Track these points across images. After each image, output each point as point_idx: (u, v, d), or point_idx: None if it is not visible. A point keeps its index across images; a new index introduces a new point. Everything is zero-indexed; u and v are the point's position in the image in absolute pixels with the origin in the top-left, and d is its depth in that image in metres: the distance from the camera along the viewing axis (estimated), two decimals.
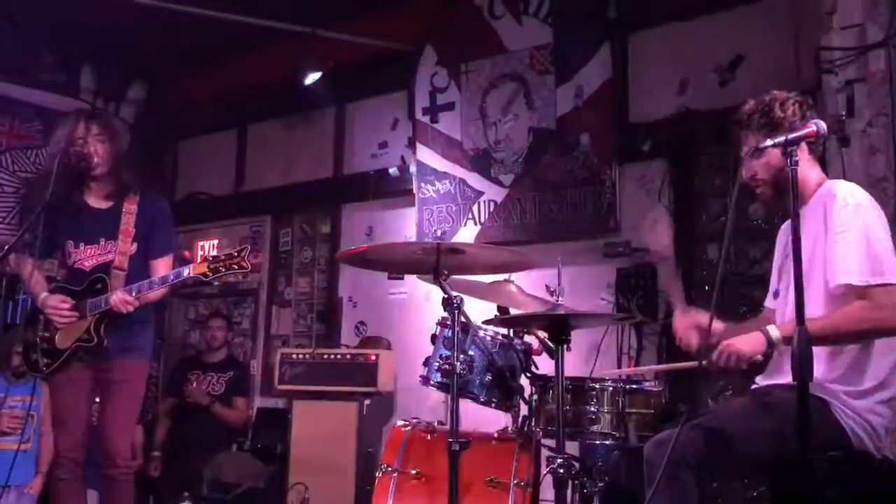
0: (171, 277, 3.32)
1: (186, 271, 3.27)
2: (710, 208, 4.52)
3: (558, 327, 2.72)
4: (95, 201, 3.55)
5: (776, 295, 2.62)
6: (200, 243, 6.69)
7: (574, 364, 4.10)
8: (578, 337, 4.12)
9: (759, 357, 2.31)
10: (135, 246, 3.48)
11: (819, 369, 2.25)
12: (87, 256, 3.48)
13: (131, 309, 3.30)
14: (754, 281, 4.30)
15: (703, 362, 2.36)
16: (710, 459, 2.27)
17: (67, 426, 3.42)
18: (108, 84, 6.71)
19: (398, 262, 3.19)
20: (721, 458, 2.29)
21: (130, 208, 3.50)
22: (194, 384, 5.64)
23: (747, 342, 2.31)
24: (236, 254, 3.22)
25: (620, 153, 4.78)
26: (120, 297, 3.28)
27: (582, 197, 4.87)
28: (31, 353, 3.48)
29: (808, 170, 2.46)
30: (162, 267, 3.52)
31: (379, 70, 5.83)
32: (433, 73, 5.56)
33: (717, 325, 2.57)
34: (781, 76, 4.21)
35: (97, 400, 3.58)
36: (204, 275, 3.23)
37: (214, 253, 3.30)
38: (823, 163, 3.58)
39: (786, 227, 2.65)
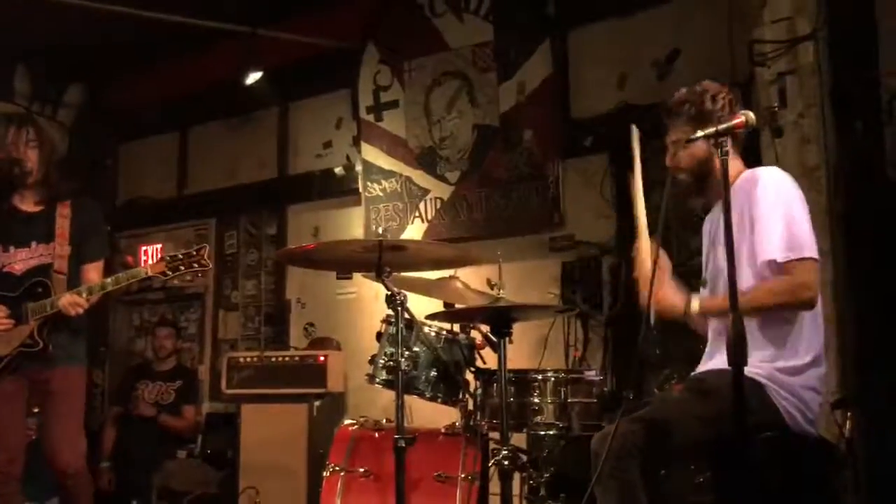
0: (125, 277, 3.29)
1: (144, 272, 3.27)
2: (650, 200, 4.58)
3: (500, 320, 2.73)
4: (26, 205, 3.46)
5: (704, 284, 2.66)
6: (144, 248, 6.57)
7: (521, 358, 4.14)
8: (525, 331, 4.16)
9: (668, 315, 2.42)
10: (69, 249, 3.41)
11: (752, 350, 2.31)
12: (17, 260, 3.40)
13: (81, 311, 3.24)
14: (694, 272, 4.38)
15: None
16: (652, 449, 2.30)
17: (3, 441, 3.32)
18: (44, 87, 6.56)
19: (342, 261, 3.18)
20: (662, 447, 2.33)
21: (64, 211, 3.43)
22: (142, 396, 5.54)
23: (669, 298, 2.45)
24: (195, 252, 3.24)
25: (563, 148, 4.83)
26: (70, 300, 3.22)
27: (526, 192, 4.92)
28: None
29: (730, 161, 2.50)
30: (94, 272, 3.45)
31: (321, 69, 5.80)
32: (376, 71, 5.55)
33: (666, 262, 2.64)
34: (717, 69, 4.29)
35: (35, 411, 3.51)
36: (163, 273, 3.24)
37: (172, 253, 3.29)
38: (757, 153, 3.67)
39: (709, 217, 2.71)
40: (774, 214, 2.34)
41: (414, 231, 5.31)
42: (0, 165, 3.32)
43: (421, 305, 3.16)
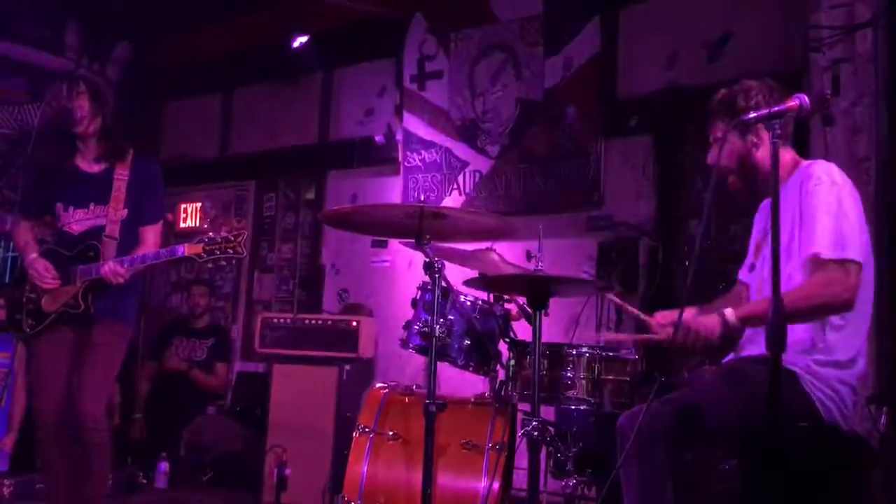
0: (165, 254, 3.31)
1: (181, 250, 3.26)
2: (694, 184, 4.55)
3: (537, 292, 2.73)
4: (87, 164, 3.48)
5: (752, 268, 2.64)
6: (184, 206, 6.66)
7: (553, 335, 4.13)
8: (558, 308, 4.14)
9: (716, 340, 2.32)
10: (126, 211, 3.43)
11: (792, 341, 2.28)
12: (75, 220, 3.42)
13: (122, 281, 3.26)
14: (733, 257, 4.34)
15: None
16: (681, 432, 2.29)
17: (47, 389, 3.36)
18: (93, 42, 6.62)
19: (381, 226, 3.18)
20: (692, 430, 2.31)
21: (122, 173, 3.44)
22: (175, 350, 5.65)
23: (703, 324, 2.32)
24: (232, 238, 3.21)
25: (607, 127, 4.79)
26: (111, 269, 3.24)
27: (567, 170, 4.89)
28: (15, 312, 3.44)
29: (780, 149, 2.46)
30: (152, 234, 3.48)
31: (367, 36, 5.80)
32: (422, 40, 5.54)
33: (690, 313, 2.53)
34: (769, 54, 4.23)
35: None
36: (198, 255, 3.22)
37: (211, 234, 3.26)
38: (806, 140, 3.61)
39: (764, 206, 2.67)
40: (823, 210, 2.29)
41: (451, 203, 5.31)
42: (52, 115, 3.38)
43: (456, 276, 3.16)
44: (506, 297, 3.30)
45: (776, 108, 2.18)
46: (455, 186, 5.34)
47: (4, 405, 4.80)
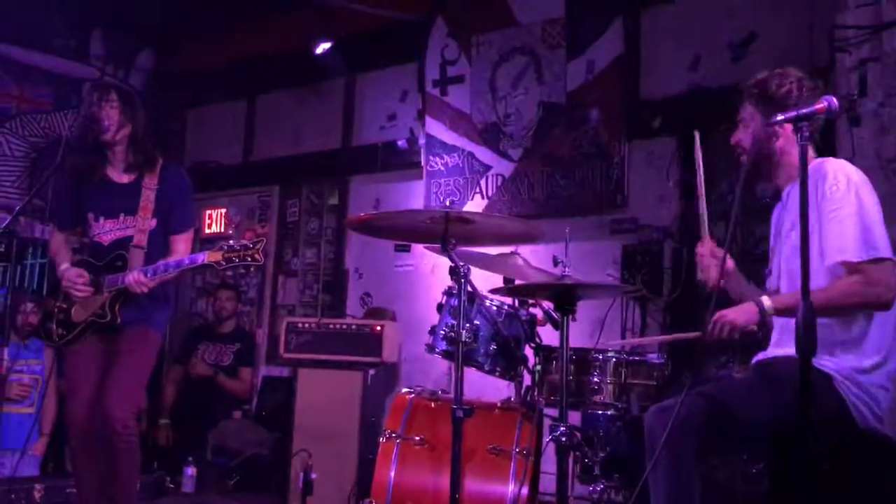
0: (187, 262, 3.33)
1: (202, 258, 3.28)
2: (718, 186, 4.51)
3: (564, 297, 2.73)
4: (116, 175, 3.52)
5: (769, 274, 2.63)
6: (208, 212, 6.71)
7: (578, 339, 4.12)
8: (582, 312, 4.13)
9: (753, 327, 2.33)
10: (155, 221, 3.47)
11: (823, 344, 2.26)
12: (105, 231, 3.47)
13: (146, 290, 3.30)
14: (759, 259, 4.30)
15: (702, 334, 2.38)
16: (711, 430, 2.28)
17: (80, 394, 3.40)
18: (117, 50, 6.71)
19: (406, 231, 3.20)
20: (722, 428, 2.30)
21: (151, 183, 3.47)
22: (201, 356, 5.69)
23: (740, 312, 2.34)
24: (251, 246, 3.23)
25: (630, 130, 4.77)
26: (135, 278, 3.28)
27: (590, 173, 4.87)
28: (47, 321, 3.50)
29: (795, 148, 2.45)
30: (182, 242, 3.52)
31: (389, 41, 5.82)
32: (444, 44, 5.54)
33: (731, 264, 2.62)
34: (794, 54, 4.18)
35: None
36: (217, 263, 3.24)
37: (231, 242, 3.28)
38: (833, 141, 3.57)
39: (777, 207, 2.66)
40: (846, 212, 2.28)
41: (474, 207, 5.30)
42: (83, 124, 3.42)
43: (480, 281, 3.16)
44: (530, 301, 3.30)
45: (804, 111, 2.16)
46: (477, 190, 5.34)
47: (36, 410, 4.85)
